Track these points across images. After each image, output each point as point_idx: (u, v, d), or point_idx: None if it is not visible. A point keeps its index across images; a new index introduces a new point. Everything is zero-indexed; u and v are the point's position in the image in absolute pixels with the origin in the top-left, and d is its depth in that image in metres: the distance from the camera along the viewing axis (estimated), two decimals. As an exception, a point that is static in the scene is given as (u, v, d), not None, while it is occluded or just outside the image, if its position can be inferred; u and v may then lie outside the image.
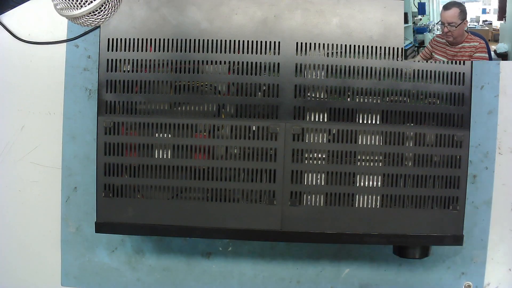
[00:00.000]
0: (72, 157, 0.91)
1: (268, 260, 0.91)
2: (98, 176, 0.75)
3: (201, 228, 0.75)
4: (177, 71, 0.74)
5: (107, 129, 0.74)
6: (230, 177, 0.75)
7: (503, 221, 0.90)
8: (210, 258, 0.92)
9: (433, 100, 0.74)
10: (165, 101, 0.74)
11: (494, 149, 0.90)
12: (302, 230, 0.75)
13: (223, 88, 0.74)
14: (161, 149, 0.75)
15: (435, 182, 0.75)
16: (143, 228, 0.75)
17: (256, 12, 0.73)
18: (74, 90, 0.91)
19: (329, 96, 0.74)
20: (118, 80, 0.74)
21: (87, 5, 0.62)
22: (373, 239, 0.75)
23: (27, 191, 0.92)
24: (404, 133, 0.74)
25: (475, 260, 0.91)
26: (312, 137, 0.74)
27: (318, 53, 0.74)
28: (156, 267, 0.92)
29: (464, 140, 0.74)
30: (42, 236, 0.93)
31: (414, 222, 0.75)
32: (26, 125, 0.92)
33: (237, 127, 0.74)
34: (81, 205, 0.91)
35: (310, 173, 0.75)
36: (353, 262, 0.91)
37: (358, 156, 0.74)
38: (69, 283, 0.93)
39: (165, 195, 0.75)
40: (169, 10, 0.74)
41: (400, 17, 0.74)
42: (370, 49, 0.73)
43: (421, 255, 0.79)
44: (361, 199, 0.75)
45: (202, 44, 0.73)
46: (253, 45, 0.73)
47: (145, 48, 0.74)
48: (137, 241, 0.92)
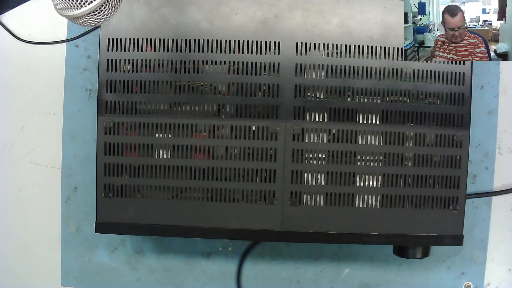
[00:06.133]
0: (72, 157, 0.91)
1: (268, 260, 0.91)
2: (98, 176, 0.75)
3: (201, 228, 0.75)
4: (177, 71, 0.74)
5: (107, 129, 0.74)
6: (230, 177, 0.75)
7: (503, 221, 0.90)
8: (210, 258, 0.92)
9: (433, 100, 0.74)
10: (165, 101, 0.74)
11: (494, 149, 0.90)
12: (302, 230, 0.75)
13: (223, 88, 0.74)
14: (161, 149, 0.75)
15: (435, 182, 0.75)
16: (143, 228, 0.75)
17: (256, 12, 0.73)
18: (74, 90, 0.91)
19: (329, 96, 0.74)
20: (118, 80, 0.74)
21: (87, 5, 0.62)
22: (373, 239, 0.75)
23: (27, 191, 0.92)
24: (404, 133, 0.74)
25: (475, 260, 0.91)
26: (312, 137, 0.74)
27: (318, 53, 0.74)
28: (156, 267, 0.92)
29: (464, 140, 0.74)
30: (42, 236, 0.93)
31: (414, 222, 0.75)
32: (26, 125, 0.92)
33: (237, 127, 0.74)
34: (81, 205, 0.91)
35: (310, 173, 0.75)
36: (353, 262, 0.91)
37: (358, 156, 0.74)
38: (69, 283, 0.93)
39: (165, 195, 0.75)
40: (169, 10, 0.74)
41: (400, 17, 0.74)
42: (370, 49, 0.73)
43: (421, 255, 0.79)
44: (361, 199, 0.75)
45: (202, 44, 0.73)
46: (253, 45, 0.73)
47: (145, 48, 0.74)
48: (137, 241, 0.92)
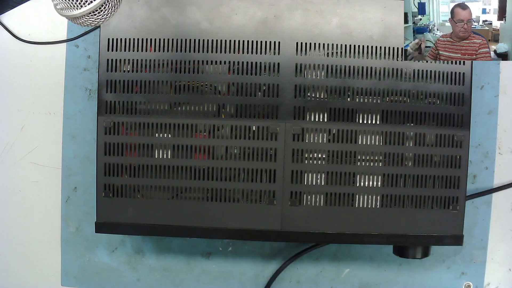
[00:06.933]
0: (72, 157, 0.91)
1: (268, 260, 0.91)
2: (98, 176, 0.75)
3: (201, 228, 0.75)
4: (177, 71, 0.74)
5: (107, 129, 0.74)
6: (230, 177, 0.75)
7: (503, 221, 0.90)
8: (210, 258, 0.92)
9: (433, 100, 0.74)
10: (165, 101, 0.74)
11: (494, 149, 0.90)
12: (302, 230, 0.75)
13: (223, 88, 0.74)
14: (161, 149, 0.75)
15: (435, 182, 0.75)
16: (143, 228, 0.75)
17: (256, 12, 0.73)
18: (74, 90, 0.91)
19: (329, 96, 0.74)
20: (118, 80, 0.74)
21: (87, 5, 0.62)
22: (373, 239, 0.75)
23: (27, 191, 0.92)
24: (404, 133, 0.74)
25: (475, 260, 0.90)
26: (312, 137, 0.74)
27: (318, 53, 0.74)
28: (156, 267, 0.92)
29: (464, 140, 0.74)
30: (42, 236, 0.93)
31: (414, 222, 0.75)
32: (26, 125, 0.92)
33: (237, 127, 0.74)
34: (81, 205, 0.91)
35: (310, 173, 0.75)
36: (353, 262, 0.91)
37: (358, 156, 0.74)
38: (69, 283, 0.93)
39: (165, 195, 0.75)
40: (169, 10, 0.74)
41: (400, 17, 0.74)
42: (370, 49, 0.73)
43: (421, 255, 0.79)
44: (361, 199, 0.75)
45: (202, 44, 0.73)
46: (253, 45, 0.73)
47: (145, 48, 0.74)
48: (137, 241, 0.92)
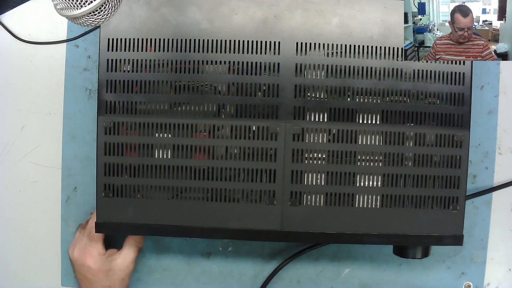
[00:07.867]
0: (72, 157, 0.91)
1: (268, 260, 0.91)
2: (98, 176, 0.75)
3: (201, 228, 0.75)
4: (177, 71, 0.74)
5: (107, 129, 0.74)
6: (230, 177, 0.75)
7: (503, 221, 0.90)
8: (210, 258, 0.92)
9: (433, 100, 0.74)
10: (165, 101, 0.74)
11: (494, 149, 0.90)
12: (302, 230, 0.75)
13: (223, 88, 0.74)
14: (161, 149, 0.75)
15: (435, 182, 0.75)
16: (143, 228, 0.75)
17: (256, 12, 0.73)
18: (74, 90, 0.91)
19: (329, 96, 0.74)
20: (118, 80, 0.74)
21: (87, 5, 0.62)
22: (373, 239, 0.75)
23: (27, 191, 0.92)
24: (404, 133, 0.74)
25: (475, 260, 0.90)
26: (312, 137, 0.74)
27: (318, 53, 0.74)
28: (156, 267, 0.92)
29: (464, 140, 0.74)
30: (42, 236, 0.93)
31: (414, 222, 0.75)
32: (26, 125, 0.92)
33: (237, 127, 0.74)
34: (81, 205, 0.91)
35: (310, 173, 0.75)
36: (353, 262, 0.91)
37: (358, 156, 0.74)
38: (69, 283, 0.93)
39: (165, 195, 0.75)
40: (169, 10, 0.74)
41: (400, 17, 0.73)
42: (370, 49, 0.73)
43: (421, 255, 0.79)
44: (361, 199, 0.75)
45: (202, 44, 0.73)
46: (253, 45, 0.73)
47: (145, 48, 0.74)
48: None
